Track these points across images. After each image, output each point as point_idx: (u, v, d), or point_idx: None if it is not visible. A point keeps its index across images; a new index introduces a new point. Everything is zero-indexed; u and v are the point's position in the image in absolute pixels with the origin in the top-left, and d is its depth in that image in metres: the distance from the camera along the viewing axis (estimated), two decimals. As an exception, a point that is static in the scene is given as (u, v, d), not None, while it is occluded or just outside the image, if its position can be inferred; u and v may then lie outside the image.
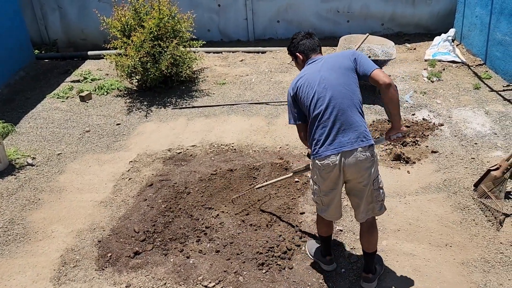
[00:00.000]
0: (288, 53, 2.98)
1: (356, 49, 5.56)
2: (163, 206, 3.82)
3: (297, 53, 2.87)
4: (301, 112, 2.75)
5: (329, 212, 2.83)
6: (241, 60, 7.33)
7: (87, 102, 6.06)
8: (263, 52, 7.66)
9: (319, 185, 2.75)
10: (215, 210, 3.73)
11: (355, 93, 2.65)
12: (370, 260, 2.93)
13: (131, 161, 4.63)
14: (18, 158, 4.68)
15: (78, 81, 6.77)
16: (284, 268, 3.14)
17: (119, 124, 5.46)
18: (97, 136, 5.20)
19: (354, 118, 2.61)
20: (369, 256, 2.92)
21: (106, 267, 3.24)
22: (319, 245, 3.19)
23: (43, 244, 3.53)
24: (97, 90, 6.35)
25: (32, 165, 4.62)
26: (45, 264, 3.32)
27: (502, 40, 5.99)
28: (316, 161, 2.65)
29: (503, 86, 5.76)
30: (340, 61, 2.70)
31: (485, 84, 5.91)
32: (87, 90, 6.26)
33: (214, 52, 7.75)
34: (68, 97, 6.21)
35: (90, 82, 6.70)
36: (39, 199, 4.09)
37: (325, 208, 2.82)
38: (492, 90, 5.71)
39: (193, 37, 6.55)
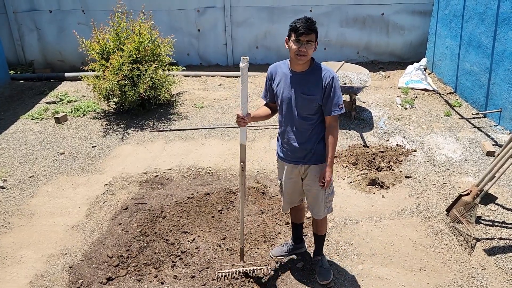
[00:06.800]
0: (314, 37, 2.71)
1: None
2: (138, 230, 3.75)
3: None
4: None
5: None
6: (220, 84, 7.40)
7: (63, 124, 5.97)
8: (241, 77, 7.75)
9: None
10: (191, 234, 3.68)
11: None
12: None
13: (106, 184, 4.55)
14: (-12, 180, 4.55)
15: (54, 102, 6.68)
16: (260, 294, 3.11)
17: (95, 146, 5.39)
18: (72, 158, 5.11)
19: None
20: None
21: (77, 294, 3.14)
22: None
23: (11, 270, 3.40)
24: (73, 111, 6.28)
25: (2, 187, 4.49)
26: (12, 291, 3.19)
27: (470, 70, 6.25)
28: None
29: (473, 114, 5.98)
30: None
31: (455, 111, 6.13)
32: (63, 112, 6.18)
33: (193, 76, 7.80)
34: (43, 118, 6.12)
35: (66, 104, 6.63)
36: (9, 223, 3.96)
37: None
38: (462, 118, 5.92)
39: (173, 61, 6.60)
